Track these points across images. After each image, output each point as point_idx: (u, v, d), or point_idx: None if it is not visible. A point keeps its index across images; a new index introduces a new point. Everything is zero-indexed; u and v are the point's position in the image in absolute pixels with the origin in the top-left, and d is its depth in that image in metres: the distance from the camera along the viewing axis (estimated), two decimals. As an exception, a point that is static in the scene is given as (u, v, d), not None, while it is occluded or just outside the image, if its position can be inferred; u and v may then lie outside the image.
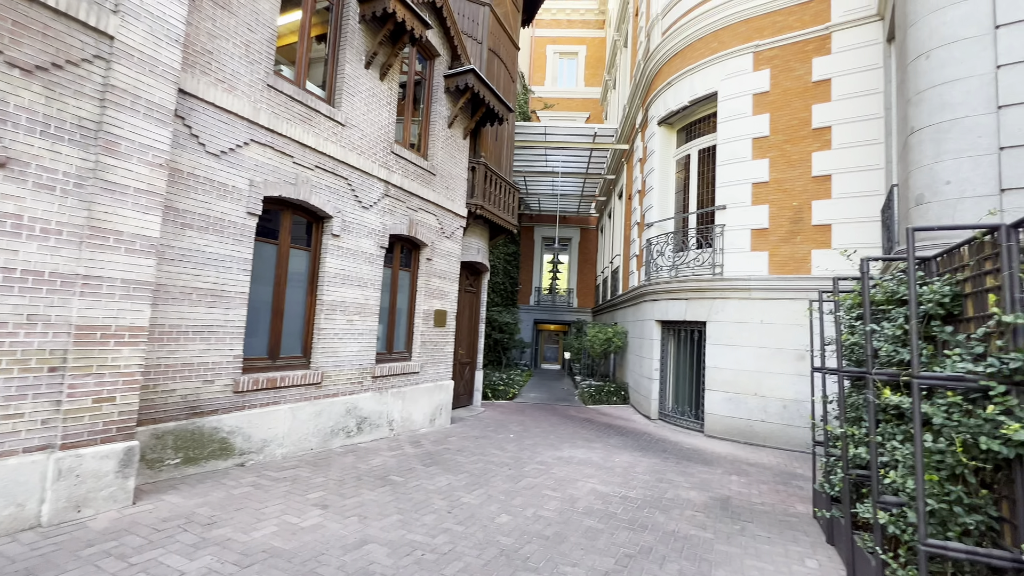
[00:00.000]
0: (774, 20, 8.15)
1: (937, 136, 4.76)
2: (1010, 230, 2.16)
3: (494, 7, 8.95)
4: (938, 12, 4.84)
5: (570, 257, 23.03)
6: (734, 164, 8.24)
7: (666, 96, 9.72)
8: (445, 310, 7.46)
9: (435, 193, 7.06)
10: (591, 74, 23.61)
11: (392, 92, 6.22)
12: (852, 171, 7.23)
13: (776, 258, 7.75)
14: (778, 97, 7.98)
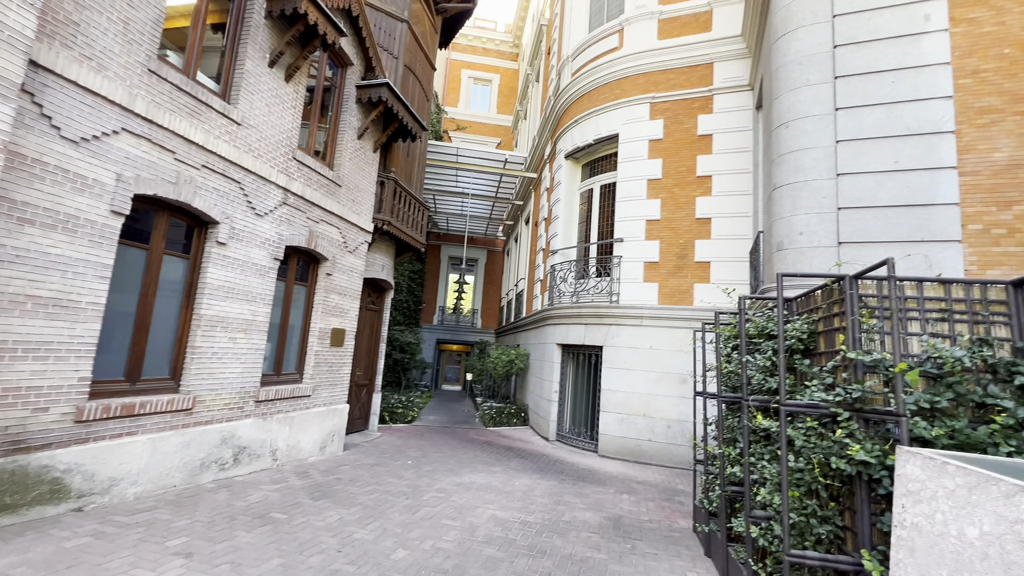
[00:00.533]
0: (668, 78, 9.10)
1: (793, 194, 5.60)
2: (852, 280, 2.57)
3: (412, 25, 8.91)
4: (795, 91, 5.75)
5: (476, 278, 23.16)
6: (631, 201, 8.94)
7: (573, 132, 10.33)
8: (343, 329, 7.03)
9: (339, 205, 6.70)
10: (503, 102, 24.37)
11: (298, 95, 5.85)
12: (728, 216, 8.21)
13: (665, 289, 8.47)
14: (670, 145, 8.87)
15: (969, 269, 4.83)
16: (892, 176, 5.16)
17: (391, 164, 8.34)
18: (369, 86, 6.89)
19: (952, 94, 5.09)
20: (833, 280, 2.82)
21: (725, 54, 8.66)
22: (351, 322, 7.24)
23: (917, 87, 5.20)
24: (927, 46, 5.23)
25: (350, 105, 6.90)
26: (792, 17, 5.91)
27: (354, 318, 7.31)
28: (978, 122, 5.00)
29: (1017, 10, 5.03)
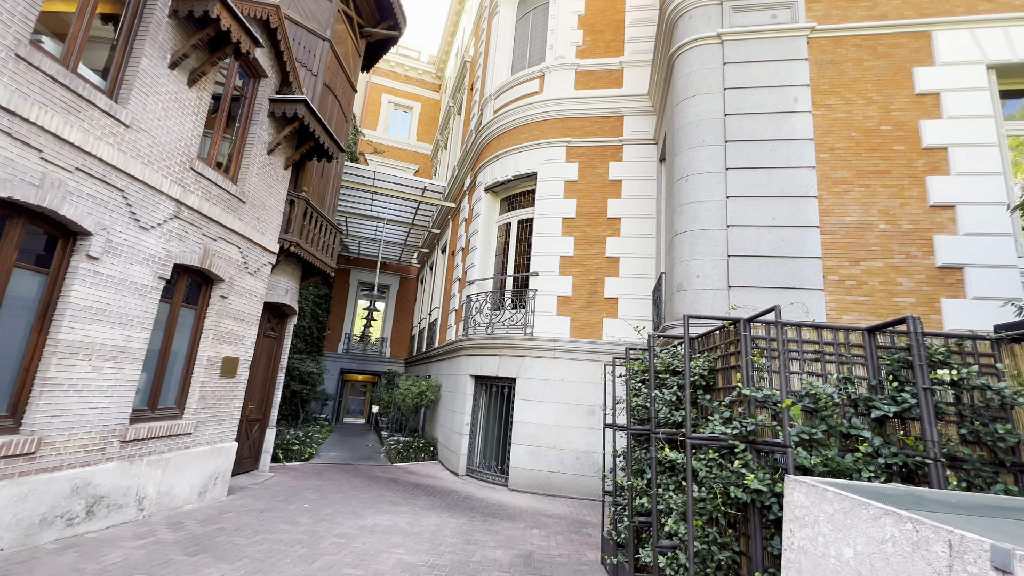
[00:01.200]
0: (583, 125, 9.76)
1: (691, 240, 6.19)
2: (746, 323, 2.86)
3: (335, 45, 8.70)
4: (693, 150, 6.44)
5: (387, 305, 22.39)
6: (547, 237, 9.29)
7: (493, 167, 10.60)
8: (237, 358, 6.37)
9: (241, 223, 6.18)
10: (424, 130, 24.42)
11: (202, 102, 5.39)
12: (635, 256, 8.82)
13: (576, 323, 8.81)
14: (584, 187, 9.43)
15: (830, 314, 5.62)
16: (771, 230, 5.91)
17: (303, 183, 7.91)
18: (284, 101, 6.55)
19: (815, 165, 6.02)
20: (730, 322, 3.12)
21: (634, 109, 9.51)
22: (246, 350, 6.59)
23: (789, 156, 6.08)
24: (796, 123, 6.17)
25: (261, 118, 6.48)
26: (691, 85, 6.68)
27: (250, 346, 6.67)
28: (834, 190, 5.95)
29: (860, 102, 6.13)
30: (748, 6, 6.66)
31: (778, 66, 6.38)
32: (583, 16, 10.31)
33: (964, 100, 5.83)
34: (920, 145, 5.84)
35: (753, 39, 6.52)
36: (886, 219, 5.74)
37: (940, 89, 5.91)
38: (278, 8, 6.16)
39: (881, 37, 6.26)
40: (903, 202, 5.74)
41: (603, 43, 10.07)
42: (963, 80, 5.88)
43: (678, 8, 6.96)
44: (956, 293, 5.38)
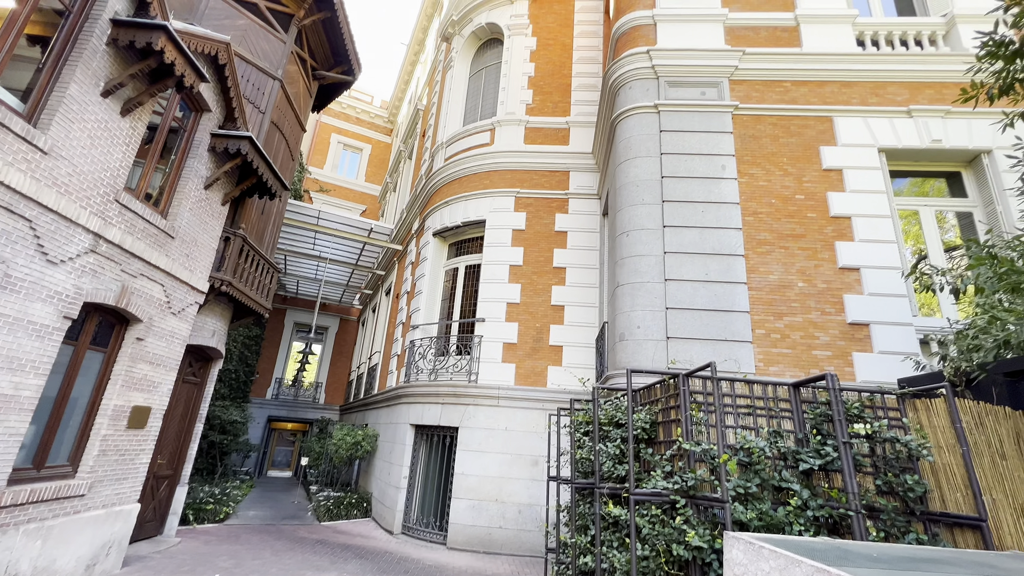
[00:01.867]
0: (531, 177, 10.14)
1: (632, 292, 6.46)
2: (685, 378, 2.97)
3: (286, 84, 8.64)
4: (633, 207, 6.83)
5: (324, 348, 21.34)
6: (494, 284, 9.35)
7: (443, 213, 10.68)
8: (149, 407, 5.76)
9: (168, 259, 5.77)
10: (373, 172, 24.39)
11: (135, 132, 5.11)
12: (579, 305, 9.04)
13: (521, 370, 8.78)
14: (531, 236, 9.67)
15: (758, 365, 5.97)
16: (705, 285, 6.29)
17: (242, 219, 7.58)
18: (227, 136, 6.34)
19: (741, 227, 6.55)
20: (670, 376, 3.22)
21: (579, 166, 10.03)
22: (161, 398, 5.98)
23: (719, 217, 6.59)
24: (724, 188, 6.74)
25: (200, 152, 6.22)
26: (631, 148, 7.17)
27: (166, 393, 6.07)
28: (759, 250, 6.47)
29: (777, 173, 6.81)
30: (681, 82, 7.35)
31: (708, 136, 7.02)
32: (533, 78, 10.94)
33: (862, 177, 6.64)
34: (829, 214, 6.52)
35: (686, 111, 7.16)
36: (803, 278, 6.28)
37: (842, 166, 6.71)
38: (228, 45, 6.08)
39: (793, 118, 7.08)
40: (817, 263, 6.33)
41: (551, 103, 10.68)
42: (860, 160, 6.72)
43: (620, 78, 7.56)
44: (865, 347, 5.90)
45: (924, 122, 6.77)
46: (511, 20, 11.49)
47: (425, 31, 19.82)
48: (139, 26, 4.63)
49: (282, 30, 8.57)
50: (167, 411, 6.64)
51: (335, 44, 9.75)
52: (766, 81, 7.30)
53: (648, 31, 7.74)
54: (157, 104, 5.58)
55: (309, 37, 9.37)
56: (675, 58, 7.35)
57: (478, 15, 12.17)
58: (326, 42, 9.71)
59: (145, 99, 5.03)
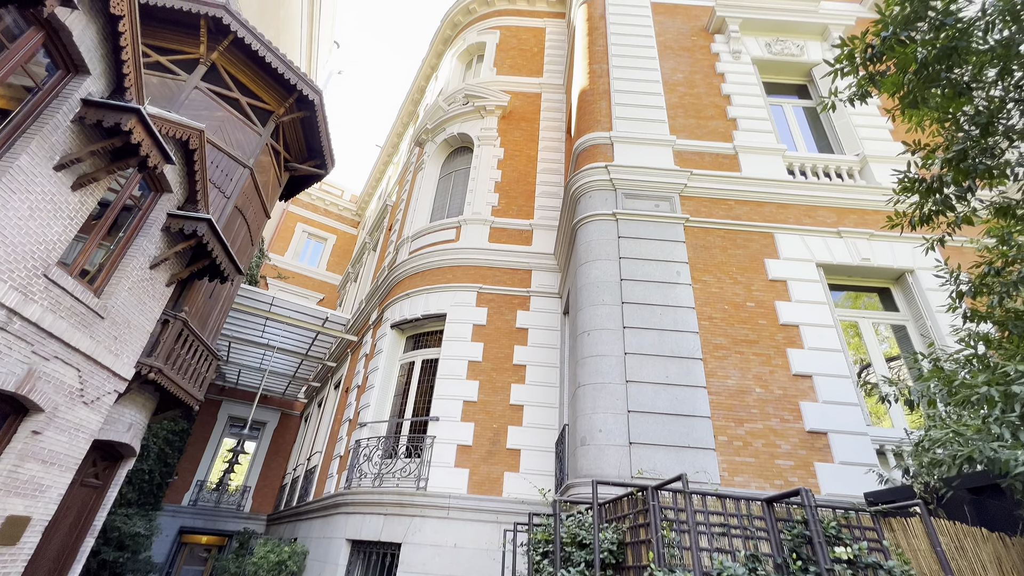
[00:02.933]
0: (494, 274, 10.29)
1: (594, 393, 6.29)
2: (654, 491, 2.74)
3: (256, 173, 8.74)
4: (594, 307, 6.92)
5: (259, 446, 19.39)
6: (451, 380, 8.97)
7: (403, 304, 10.52)
8: (28, 517, 4.81)
9: (92, 341, 5.22)
10: (336, 261, 24.33)
11: (83, 207, 4.87)
12: (539, 405, 8.71)
13: (475, 476, 8.12)
14: (492, 331, 9.55)
15: (723, 474, 5.74)
16: (665, 388, 6.23)
17: (186, 302, 7.13)
18: (185, 217, 6.17)
19: (698, 331, 6.71)
20: (639, 489, 2.98)
21: (541, 265, 10.30)
22: (46, 505, 5.04)
23: (676, 321, 6.75)
24: (680, 293, 6.99)
25: (152, 231, 5.97)
26: (591, 251, 7.47)
27: (55, 499, 5.13)
28: (716, 355, 6.57)
29: (728, 281, 7.18)
30: (637, 195, 7.94)
31: (663, 244, 7.43)
32: (499, 183, 11.60)
33: (805, 288, 7.08)
34: (778, 321, 6.81)
35: (642, 221, 7.64)
36: (760, 384, 6.35)
37: (786, 278, 7.16)
38: (202, 133, 6.16)
39: (739, 232, 7.66)
40: (772, 369, 6.46)
41: (516, 207, 11.23)
42: (801, 273, 7.22)
43: (581, 187, 8.09)
44: (826, 457, 5.83)
45: (853, 242, 7.46)
46: (481, 132, 12.45)
47: (400, 136, 21.18)
48: (110, 107, 4.62)
49: (259, 124, 8.87)
50: (51, 522, 5.58)
51: (311, 140, 10.14)
52: (712, 199, 7.99)
53: (606, 149, 8.49)
54: (115, 181, 5.42)
55: (286, 132, 9.72)
56: (631, 173, 8.01)
57: (451, 126, 13.14)
58: (302, 138, 10.09)
59: (102, 175, 4.87)
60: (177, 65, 7.97)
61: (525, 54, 14.33)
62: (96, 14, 4.53)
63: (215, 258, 6.57)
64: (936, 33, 2.89)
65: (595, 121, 8.95)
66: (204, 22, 7.90)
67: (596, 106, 9.20)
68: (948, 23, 2.77)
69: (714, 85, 9.52)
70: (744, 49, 10.00)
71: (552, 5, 15.25)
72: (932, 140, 3.68)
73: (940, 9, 2.78)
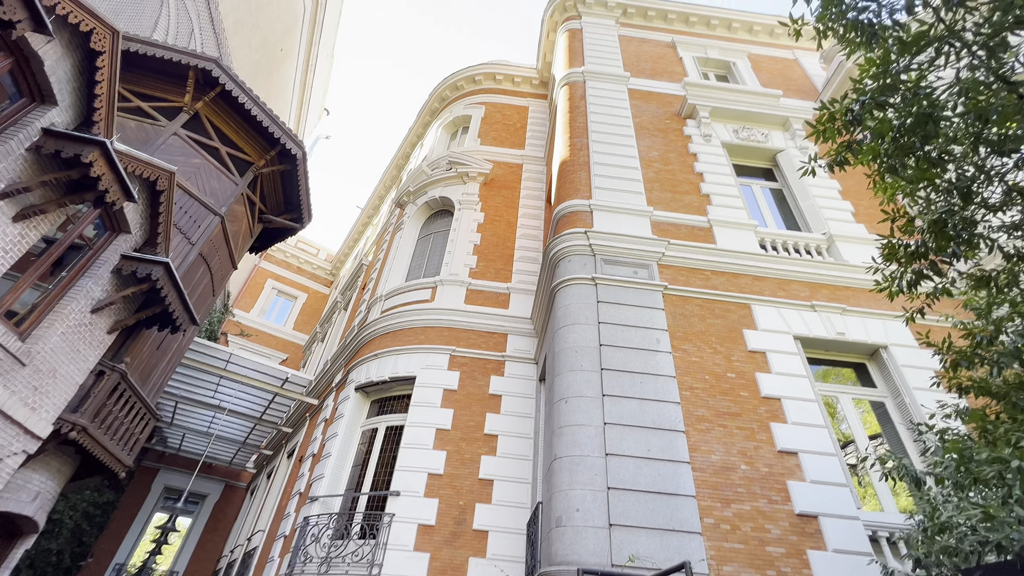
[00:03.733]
0: (469, 337, 9.94)
1: (571, 466, 5.81)
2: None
3: (227, 222, 8.45)
4: (572, 372, 6.61)
5: (195, 522, 17.36)
6: (416, 449, 8.29)
7: (370, 366, 9.95)
8: None
9: (4, 391, 4.57)
10: (304, 320, 23.51)
11: (23, 241, 4.45)
12: (510, 480, 8.05)
13: (436, 563, 7.25)
14: (463, 397, 9.03)
15: (711, 563, 5.22)
16: (647, 463, 5.81)
17: (129, 352, 6.49)
18: (140, 259, 5.76)
19: (679, 401, 6.42)
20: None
21: (517, 330, 10.03)
22: (-92, 595, 4.11)
23: (657, 390, 6.46)
24: (660, 361, 6.78)
25: (98, 271, 5.52)
26: (570, 315, 7.28)
27: (-79, 587, 4.21)
28: (698, 427, 6.25)
29: (708, 350, 7.03)
30: (616, 261, 7.94)
31: (642, 311, 7.32)
32: (478, 245, 11.58)
33: (784, 360, 6.98)
34: (760, 394, 6.61)
35: (621, 287, 7.58)
36: (746, 460, 6.00)
37: (765, 349, 7.07)
38: (172, 175, 5.93)
39: (716, 302, 7.65)
40: (756, 444, 6.15)
41: (493, 270, 11.14)
42: (780, 345, 7.15)
43: (561, 251, 8.06)
44: (818, 544, 5.40)
45: (827, 316, 7.52)
46: (463, 196, 12.62)
47: (382, 199, 21.42)
48: (72, 138, 4.38)
49: (237, 174, 8.72)
50: (-89, 617, 4.56)
51: (289, 194, 10.01)
52: (690, 268, 8.05)
53: (585, 216, 8.61)
54: (65, 216, 5.05)
55: (264, 183, 9.59)
56: (610, 240, 8.06)
57: (433, 189, 13.32)
58: (280, 190, 9.96)
59: (51, 208, 4.52)
60: (160, 112, 7.89)
61: (508, 128, 14.99)
62: (74, 48, 4.42)
63: (168, 305, 6.08)
64: (909, 105, 2.98)
65: (575, 189, 9.15)
66: (193, 73, 7.95)
67: (576, 175, 9.47)
68: (920, 94, 2.86)
69: (688, 163, 9.99)
70: (714, 133, 10.65)
71: (535, 87, 16.25)
72: (909, 211, 3.75)
73: (912, 81, 2.89)
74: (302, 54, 18.96)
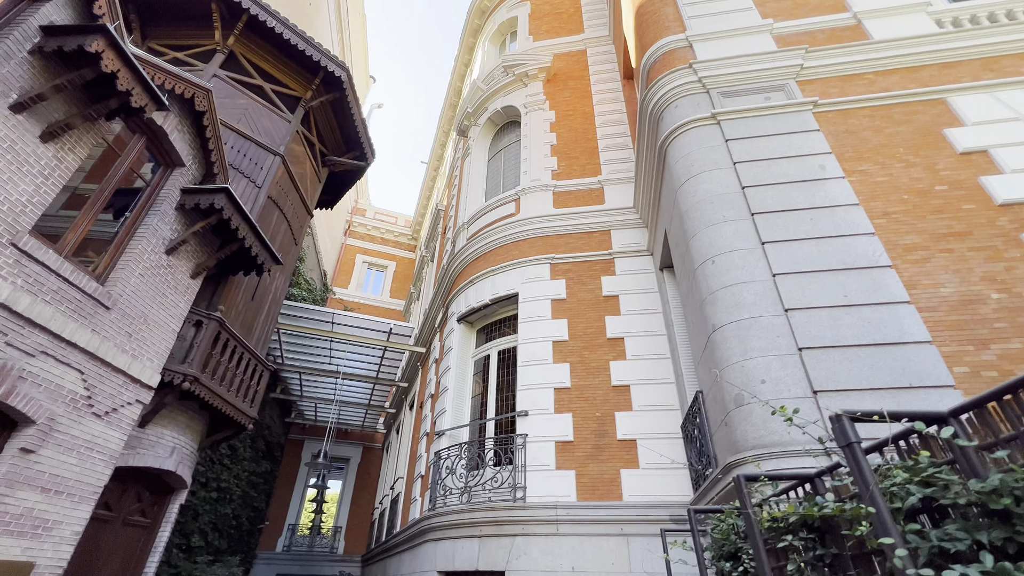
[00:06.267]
0: (567, 241, 8.73)
1: (740, 333, 4.47)
2: None
3: (289, 162, 7.89)
4: (713, 227, 5.15)
5: (345, 483, 18.66)
6: (535, 366, 7.40)
7: (468, 293, 9.19)
8: (30, 564, 3.74)
9: (95, 336, 4.22)
10: (397, 287, 23.89)
11: (60, 166, 3.94)
12: (649, 383, 6.90)
13: (584, 479, 6.40)
14: (575, 305, 7.93)
15: (974, 425, 3.70)
16: (847, 312, 4.29)
17: (222, 302, 6.17)
18: (200, 191, 5.22)
19: (873, 231, 4.74)
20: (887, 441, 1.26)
21: (620, 223, 8.62)
22: (56, 548, 3.97)
23: (837, 224, 4.81)
24: (832, 189, 5.06)
25: (163, 208, 5.04)
26: (693, 164, 5.74)
27: (68, 539, 4.06)
28: (909, 259, 4.54)
29: (897, 165, 5.16)
30: (737, 91, 6.16)
31: (789, 138, 5.57)
32: (556, 146, 10.16)
33: (1019, 155, 4.91)
34: (994, 202, 4.69)
35: (753, 117, 5.84)
36: (996, 287, 4.25)
37: (986, 146, 5.04)
38: (209, 93, 5.25)
39: (893, 107, 5.64)
40: (1008, 265, 4.33)
41: (579, 167, 9.71)
42: (1007, 135, 5.06)
43: (663, 99, 6.44)
44: None
45: (1078, 81, 5.20)
46: (527, 100, 11.16)
47: (443, 145, 20.54)
48: (71, 30, 3.68)
49: (287, 111, 8.09)
50: (79, 570, 4.55)
51: (346, 128, 9.28)
52: (842, 76, 6.04)
53: (684, 52, 6.82)
54: (107, 144, 4.52)
55: (318, 120, 8.91)
56: (725, 67, 6.27)
57: (492, 103, 11.99)
58: (336, 127, 9.26)
59: (77, 122, 3.94)
60: (195, 58, 7.37)
61: (560, 16, 13.05)
62: None
63: (242, 238, 5.55)
64: None
65: (663, 28, 7.32)
66: (216, 7, 7.28)
67: (660, 14, 7.59)
68: None
69: (805, -42, 7.61)
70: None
71: (582, -37, 13.95)
72: None
73: None
74: (332, 11, 18.13)
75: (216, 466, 11.28)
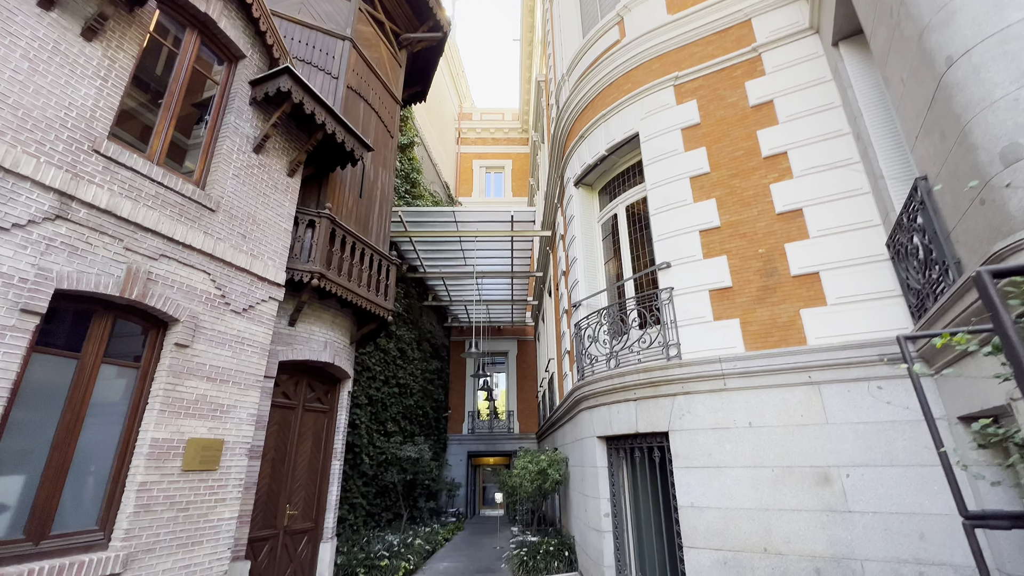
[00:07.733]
0: (691, 52, 6.83)
1: (1004, 48, 2.74)
2: None
3: (360, 46, 7.28)
4: (935, -100, 3.16)
5: (507, 374, 20.10)
6: (672, 210, 6.17)
7: (580, 151, 8.02)
8: (219, 440, 4.21)
9: (209, 238, 4.31)
10: (517, 185, 23.32)
11: (113, 64, 3.80)
12: (829, 200, 5.23)
13: (752, 327, 5.29)
14: (713, 128, 6.28)
15: None
16: None
17: (328, 201, 6.11)
18: (264, 78, 4.88)
19: None
20: None
21: (763, 6, 6.37)
22: (238, 427, 4.43)
23: None
24: None
25: (238, 105, 4.85)
26: None
27: (246, 420, 4.51)
28: None
29: None
30: None
31: None
32: (659, -67, 7.77)
33: None
34: None
35: None
36: None
37: None
38: (245, -32, 4.68)
39: None
40: None
41: (694, -47, 7.31)
42: None
43: None
44: None
45: None
46: None
47: (532, 11, 18.16)
48: None
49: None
50: (276, 445, 5.16)
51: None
52: None
53: None
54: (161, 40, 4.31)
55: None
56: None
57: (573, -87, 9.62)
58: (403, 0, 8.28)
59: (110, 11, 3.68)
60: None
61: None
62: None
63: (323, 125, 5.20)
64: None
65: None
66: None
67: None
68: None
69: None
70: None
71: None
72: None
73: None
74: None
75: (391, 366, 12.65)
